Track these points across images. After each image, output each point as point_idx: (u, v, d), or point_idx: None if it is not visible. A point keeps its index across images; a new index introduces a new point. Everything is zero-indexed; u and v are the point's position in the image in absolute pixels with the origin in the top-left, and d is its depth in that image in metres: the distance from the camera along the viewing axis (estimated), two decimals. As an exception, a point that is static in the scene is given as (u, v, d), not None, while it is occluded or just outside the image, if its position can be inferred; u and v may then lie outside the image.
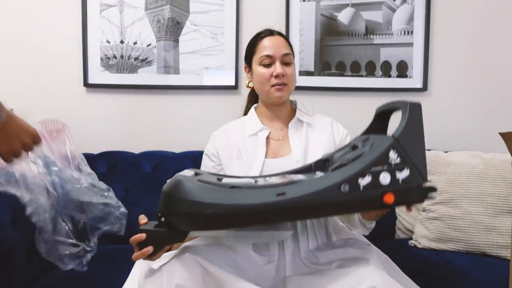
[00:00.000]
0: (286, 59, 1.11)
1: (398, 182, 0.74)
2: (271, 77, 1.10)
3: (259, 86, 1.14)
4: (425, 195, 0.76)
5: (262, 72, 1.11)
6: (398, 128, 0.78)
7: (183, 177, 0.79)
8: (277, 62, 1.10)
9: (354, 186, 0.73)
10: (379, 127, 0.97)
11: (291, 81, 1.13)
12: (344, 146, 0.98)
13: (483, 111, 1.83)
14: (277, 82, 1.10)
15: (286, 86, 1.11)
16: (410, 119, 0.78)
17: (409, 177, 0.74)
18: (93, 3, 1.70)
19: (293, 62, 1.14)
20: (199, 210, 0.72)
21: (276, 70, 1.09)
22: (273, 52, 1.10)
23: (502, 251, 1.29)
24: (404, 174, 0.74)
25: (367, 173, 0.73)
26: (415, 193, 0.75)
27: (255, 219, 0.74)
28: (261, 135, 1.14)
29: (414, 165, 0.75)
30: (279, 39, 1.13)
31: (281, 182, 0.81)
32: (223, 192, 0.73)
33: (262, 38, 1.14)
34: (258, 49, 1.13)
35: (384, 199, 0.73)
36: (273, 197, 0.72)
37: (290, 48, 1.15)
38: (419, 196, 0.76)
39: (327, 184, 0.73)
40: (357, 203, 0.75)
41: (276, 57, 1.10)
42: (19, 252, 1.05)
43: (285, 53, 1.11)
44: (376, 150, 0.76)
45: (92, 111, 1.74)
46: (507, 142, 0.82)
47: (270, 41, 1.12)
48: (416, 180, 0.75)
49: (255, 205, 0.72)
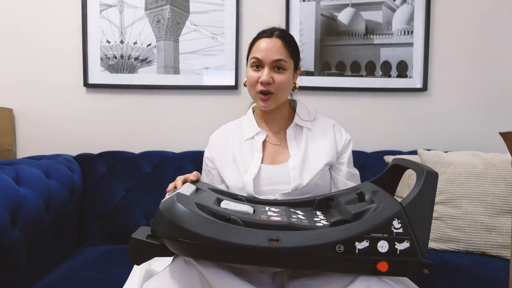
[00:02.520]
0: (277, 64, 1.05)
1: (395, 252, 0.72)
2: (258, 83, 1.05)
3: (248, 88, 1.11)
4: (420, 271, 0.73)
5: (250, 75, 1.07)
6: (409, 195, 0.75)
7: (181, 196, 0.78)
8: (266, 68, 1.04)
9: (350, 248, 0.71)
10: (391, 179, 0.96)
11: (280, 90, 1.06)
12: (351, 189, 0.97)
13: (483, 111, 1.83)
14: (262, 90, 1.05)
15: (272, 95, 1.06)
16: (423, 189, 0.74)
17: (408, 250, 0.72)
18: (93, 3, 1.70)
19: (288, 68, 1.06)
20: (187, 238, 0.70)
21: (262, 76, 1.04)
22: (262, 56, 1.04)
23: (502, 251, 1.29)
24: (403, 246, 0.72)
25: (365, 238, 0.71)
26: (411, 266, 0.72)
27: (244, 259, 0.72)
28: (257, 139, 1.12)
29: (415, 240, 0.72)
30: (275, 42, 1.05)
31: (278, 222, 0.78)
32: (216, 226, 0.71)
33: (259, 38, 1.08)
34: (253, 50, 1.09)
35: (377, 266, 0.71)
36: (265, 241, 0.70)
37: (288, 53, 1.06)
38: (414, 271, 0.72)
39: (323, 241, 0.70)
40: (349, 265, 0.72)
41: (265, 62, 1.04)
42: (19, 253, 1.05)
43: (276, 58, 1.04)
44: (379, 216, 0.73)
45: (92, 111, 1.74)
46: (507, 142, 0.82)
47: (264, 44, 1.06)
48: (414, 254, 0.72)
49: (245, 246, 0.69)
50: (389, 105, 1.82)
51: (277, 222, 0.78)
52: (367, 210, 0.78)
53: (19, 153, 1.72)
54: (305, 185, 1.05)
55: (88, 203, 1.51)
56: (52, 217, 1.24)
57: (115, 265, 1.20)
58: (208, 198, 0.88)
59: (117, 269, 1.16)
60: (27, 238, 1.09)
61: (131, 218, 1.51)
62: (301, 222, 0.82)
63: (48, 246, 1.23)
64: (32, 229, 1.12)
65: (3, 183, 1.06)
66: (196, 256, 0.76)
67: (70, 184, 1.41)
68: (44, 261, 1.20)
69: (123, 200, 1.53)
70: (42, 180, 1.24)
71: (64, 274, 1.14)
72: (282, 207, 0.93)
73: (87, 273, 1.14)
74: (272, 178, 1.07)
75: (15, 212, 1.04)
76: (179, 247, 0.73)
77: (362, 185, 0.96)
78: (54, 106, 1.72)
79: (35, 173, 1.23)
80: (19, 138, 1.72)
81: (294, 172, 1.06)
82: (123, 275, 1.01)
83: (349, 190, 0.98)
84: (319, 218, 0.87)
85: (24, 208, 1.08)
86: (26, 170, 1.21)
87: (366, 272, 0.73)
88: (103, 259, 1.26)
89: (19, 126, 1.72)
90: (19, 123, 1.72)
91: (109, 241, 1.47)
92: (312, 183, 1.07)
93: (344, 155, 1.14)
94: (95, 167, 1.57)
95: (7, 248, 0.98)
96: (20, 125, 1.72)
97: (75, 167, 1.52)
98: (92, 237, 1.49)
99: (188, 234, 0.70)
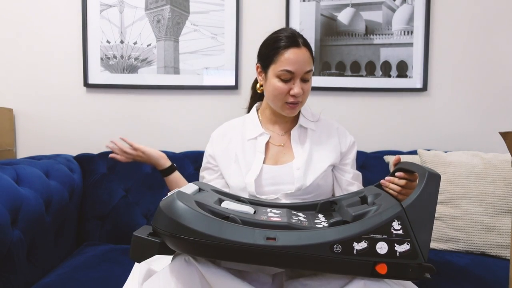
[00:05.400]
0: (306, 76, 1.04)
1: (395, 254, 0.70)
2: (287, 94, 1.04)
3: (272, 97, 1.07)
4: (421, 275, 0.71)
5: (279, 86, 1.03)
6: (410, 197, 0.74)
7: (182, 195, 0.79)
8: (298, 81, 1.03)
9: (347, 249, 0.70)
10: None
11: (306, 97, 1.08)
12: (354, 193, 0.97)
13: (483, 111, 1.83)
14: (293, 101, 1.04)
15: (299, 103, 1.07)
16: (424, 190, 0.74)
17: (408, 252, 0.70)
18: (93, 3, 1.70)
19: (311, 77, 1.07)
20: (185, 235, 0.71)
21: (294, 89, 1.02)
22: (295, 69, 1.01)
23: (502, 251, 1.29)
24: (403, 248, 0.70)
25: (363, 238, 0.70)
26: (411, 269, 0.71)
27: (240, 257, 0.72)
28: (260, 140, 1.12)
29: (416, 242, 0.71)
30: (304, 53, 1.03)
31: (277, 222, 0.78)
32: (214, 223, 0.71)
33: (287, 48, 1.02)
34: (280, 60, 1.02)
35: (376, 268, 0.70)
36: (262, 240, 0.70)
37: (312, 62, 1.06)
38: (414, 274, 0.71)
39: (320, 240, 0.70)
40: (347, 266, 0.71)
41: (297, 75, 1.02)
42: (19, 253, 1.05)
43: (307, 70, 1.03)
44: (379, 216, 0.72)
45: (92, 111, 1.74)
46: (507, 141, 0.82)
47: (294, 55, 1.01)
48: (415, 257, 0.71)
49: (242, 244, 0.69)
50: (389, 105, 1.82)
51: (276, 222, 0.78)
52: (367, 211, 0.78)
53: (19, 153, 1.72)
54: (308, 185, 1.06)
55: (88, 203, 1.51)
56: (52, 217, 1.24)
57: (115, 265, 1.20)
58: (210, 198, 0.88)
59: (117, 269, 1.16)
60: (27, 238, 1.09)
61: (131, 218, 1.51)
62: (301, 223, 0.82)
63: (48, 246, 1.23)
64: (32, 229, 1.12)
65: (3, 183, 1.06)
66: (194, 253, 0.76)
67: (70, 184, 1.41)
68: (44, 261, 1.20)
69: (123, 200, 1.53)
70: (42, 180, 1.24)
71: (64, 274, 1.14)
72: (284, 209, 0.92)
73: (87, 273, 1.14)
74: (275, 179, 1.08)
75: (15, 212, 1.05)
76: (178, 244, 0.74)
77: (366, 189, 0.97)
78: (54, 106, 1.72)
79: (35, 173, 1.23)
80: (19, 138, 1.72)
81: (299, 172, 1.06)
82: (123, 275, 1.01)
83: (352, 194, 0.98)
84: (320, 220, 0.87)
85: (24, 208, 1.08)
86: (26, 170, 1.21)
87: (365, 274, 0.72)
88: (103, 259, 1.26)
89: (19, 126, 1.72)
90: (19, 123, 1.72)
91: (109, 241, 1.47)
92: (315, 183, 1.07)
93: (349, 156, 1.15)
94: (95, 167, 1.57)
95: (7, 248, 0.99)
96: (20, 125, 1.72)
97: (75, 167, 1.52)
98: (92, 237, 1.49)
99: (186, 231, 0.71)
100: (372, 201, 0.85)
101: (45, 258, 1.20)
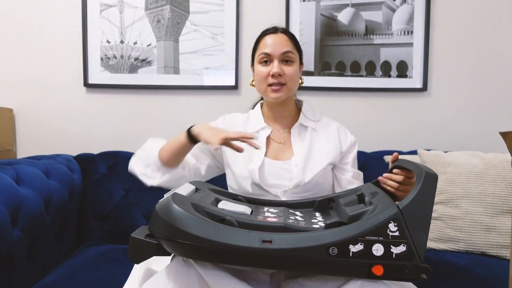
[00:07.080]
0: (286, 57, 1.08)
1: (391, 256, 0.70)
2: (268, 76, 1.08)
3: (257, 84, 1.12)
4: (418, 276, 0.71)
5: (260, 70, 1.09)
6: (407, 198, 0.74)
7: (177, 197, 0.78)
8: (275, 61, 1.08)
9: (343, 251, 0.69)
10: None
11: (291, 80, 1.09)
12: (352, 190, 0.97)
13: (483, 111, 1.83)
14: (273, 82, 1.07)
15: (284, 87, 1.08)
16: (421, 190, 0.73)
17: (404, 253, 0.70)
18: (93, 3, 1.70)
19: (295, 61, 1.10)
20: (181, 239, 0.71)
21: (273, 69, 1.07)
22: (271, 50, 1.08)
23: (502, 251, 1.29)
24: (399, 250, 0.70)
25: (359, 241, 0.70)
26: (408, 271, 0.70)
27: (237, 260, 0.72)
28: (262, 134, 1.13)
29: (412, 243, 0.70)
30: (281, 37, 1.10)
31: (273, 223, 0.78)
32: (210, 227, 0.71)
33: (264, 35, 1.12)
34: (259, 47, 1.12)
35: (372, 270, 0.70)
36: (258, 243, 0.69)
37: (294, 46, 1.11)
38: (410, 275, 0.71)
39: (316, 243, 0.69)
40: (343, 268, 0.71)
41: (274, 55, 1.08)
42: (19, 252, 1.05)
43: (284, 51, 1.08)
44: (375, 218, 0.72)
45: (92, 111, 1.74)
46: (507, 141, 0.82)
47: (271, 39, 1.09)
48: (411, 258, 0.70)
49: (238, 247, 0.69)
50: (389, 105, 1.82)
51: (272, 223, 0.78)
52: (364, 212, 0.78)
53: (19, 153, 1.72)
54: (307, 182, 1.06)
55: (88, 203, 1.51)
56: (52, 217, 1.24)
57: (115, 265, 1.20)
58: (206, 198, 0.88)
59: (117, 269, 1.16)
60: (27, 238, 1.09)
61: (131, 218, 1.51)
62: (298, 223, 0.81)
63: (48, 246, 1.23)
64: (32, 229, 1.12)
65: (3, 183, 1.06)
66: (191, 257, 0.77)
67: (70, 184, 1.41)
68: (44, 261, 1.20)
69: (123, 200, 1.53)
70: (42, 180, 1.25)
71: (64, 274, 1.14)
72: (281, 208, 0.93)
73: (87, 273, 1.14)
74: (275, 173, 1.08)
75: (15, 212, 1.05)
76: (174, 247, 0.74)
77: (363, 186, 0.96)
78: (54, 106, 1.72)
79: (35, 173, 1.23)
80: (19, 138, 1.72)
81: (297, 169, 1.07)
82: (123, 275, 1.01)
83: (350, 191, 0.98)
84: (317, 220, 0.86)
85: (24, 208, 1.08)
86: (26, 170, 1.21)
87: (361, 276, 0.72)
88: (103, 259, 1.26)
89: (19, 126, 1.72)
90: (19, 123, 1.72)
91: (109, 241, 1.47)
92: (314, 181, 1.07)
93: (349, 155, 1.16)
94: (95, 167, 1.57)
95: (7, 248, 0.99)
96: (20, 125, 1.72)
97: (75, 167, 1.52)
98: (92, 237, 1.49)
99: (182, 235, 0.71)
100: (369, 201, 0.85)
101: (45, 258, 1.21)
